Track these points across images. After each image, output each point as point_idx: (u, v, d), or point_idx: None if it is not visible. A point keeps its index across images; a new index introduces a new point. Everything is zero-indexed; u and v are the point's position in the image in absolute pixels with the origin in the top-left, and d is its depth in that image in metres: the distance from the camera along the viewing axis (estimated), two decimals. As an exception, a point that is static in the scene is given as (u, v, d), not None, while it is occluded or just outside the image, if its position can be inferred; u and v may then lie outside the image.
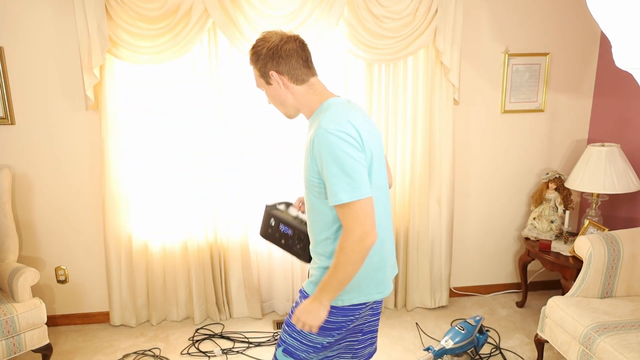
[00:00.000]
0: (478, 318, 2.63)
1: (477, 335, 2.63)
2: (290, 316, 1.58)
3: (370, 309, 1.63)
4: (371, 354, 1.81)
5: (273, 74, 1.51)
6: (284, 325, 1.62)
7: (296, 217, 1.78)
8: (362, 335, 1.70)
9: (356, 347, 1.71)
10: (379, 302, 1.70)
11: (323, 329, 1.52)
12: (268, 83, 1.54)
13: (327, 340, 1.54)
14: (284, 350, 1.59)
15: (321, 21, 2.79)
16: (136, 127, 2.93)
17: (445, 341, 2.51)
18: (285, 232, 1.74)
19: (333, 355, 1.64)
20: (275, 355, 1.64)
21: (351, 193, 1.36)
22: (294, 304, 1.60)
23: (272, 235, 1.80)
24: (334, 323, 1.52)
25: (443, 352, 2.49)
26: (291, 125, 3.01)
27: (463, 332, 2.53)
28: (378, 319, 1.74)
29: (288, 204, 1.87)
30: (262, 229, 1.83)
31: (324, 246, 1.52)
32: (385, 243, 1.56)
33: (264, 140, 3.05)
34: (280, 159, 3.08)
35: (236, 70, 2.93)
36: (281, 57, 1.48)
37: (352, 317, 1.53)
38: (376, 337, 1.79)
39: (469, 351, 2.64)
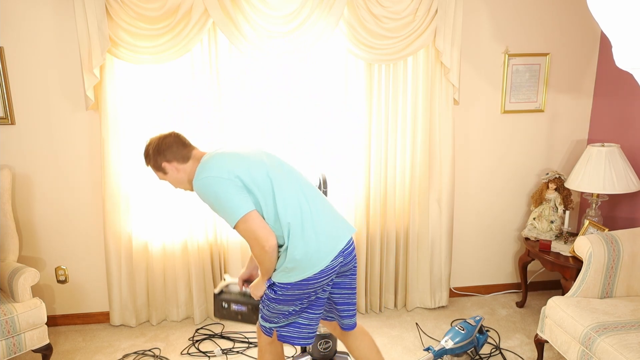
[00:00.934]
0: (478, 318, 2.63)
1: (477, 335, 2.64)
2: (265, 294, 1.94)
3: (331, 270, 1.84)
4: (345, 321, 2.06)
5: (165, 164, 1.90)
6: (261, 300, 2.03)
7: (244, 294, 2.15)
8: (331, 288, 1.98)
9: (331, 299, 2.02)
10: (341, 262, 1.89)
11: (286, 302, 1.85)
12: (165, 173, 1.92)
13: (292, 309, 1.88)
14: (261, 317, 1.98)
15: (321, 21, 2.79)
16: (136, 127, 2.93)
17: (445, 341, 2.51)
18: (240, 310, 2.14)
19: (301, 317, 1.93)
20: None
21: (232, 217, 1.73)
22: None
23: (228, 314, 2.17)
24: (293, 295, 1.84)
25: (443, 352, 2.49)
26: (290, 125, 3.02)
27: (463, 332, 2.53)
28: (352, 274, 2.02)
29: (229, 284, 2.21)
30: (217, 312, 2.19)
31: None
32: (315, 228, 1.82)
33: (263, 140, 3.05)
34: (280, 159, 3.08)
35: (236, 70, 2.93)
36: (165, 150, 1.89)
37: (306, 290, 1.83)
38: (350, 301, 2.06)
39: (469, 351, 2.64)
